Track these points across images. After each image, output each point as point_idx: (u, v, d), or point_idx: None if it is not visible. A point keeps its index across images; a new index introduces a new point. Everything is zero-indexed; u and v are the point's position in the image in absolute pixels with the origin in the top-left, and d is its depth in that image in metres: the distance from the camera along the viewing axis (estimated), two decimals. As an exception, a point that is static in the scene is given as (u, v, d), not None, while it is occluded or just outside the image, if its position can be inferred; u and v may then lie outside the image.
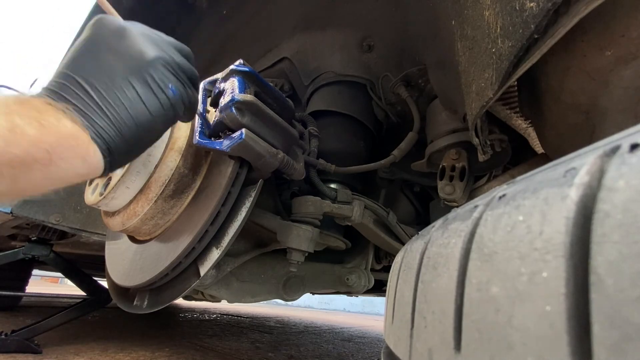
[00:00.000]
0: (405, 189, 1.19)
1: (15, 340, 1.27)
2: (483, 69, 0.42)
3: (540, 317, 0.16)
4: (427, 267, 0.27)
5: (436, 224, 0.30)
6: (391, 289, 0.37)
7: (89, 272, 1.71)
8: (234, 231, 0.64)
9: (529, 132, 0.68)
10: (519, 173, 0.79)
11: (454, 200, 0.77)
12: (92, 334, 1.75)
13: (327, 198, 0.87)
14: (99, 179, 0.73)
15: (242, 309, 4.42)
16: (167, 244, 0.68)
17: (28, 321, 1.40)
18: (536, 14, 0.32)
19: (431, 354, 0.23)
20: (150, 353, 1.43)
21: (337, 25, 1.00)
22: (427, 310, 0.25)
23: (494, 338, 0.18)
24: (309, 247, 0.80)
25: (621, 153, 0.15)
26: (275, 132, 0.68)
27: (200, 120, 0.66)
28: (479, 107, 0.45)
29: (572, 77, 0.42)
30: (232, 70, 0.67)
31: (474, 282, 0.20)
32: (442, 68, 0.71)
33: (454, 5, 0.51)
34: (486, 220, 0.21)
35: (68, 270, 1.65)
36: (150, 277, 0.68)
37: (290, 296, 0.96)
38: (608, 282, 0.13)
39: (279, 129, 0.69)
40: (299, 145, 0.82)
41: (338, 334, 2.72)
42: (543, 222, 0.17)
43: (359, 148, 1.03)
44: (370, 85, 1.05)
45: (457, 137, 0.80)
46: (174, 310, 3.37)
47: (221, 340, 1.93)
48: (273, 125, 0.68)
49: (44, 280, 8.19)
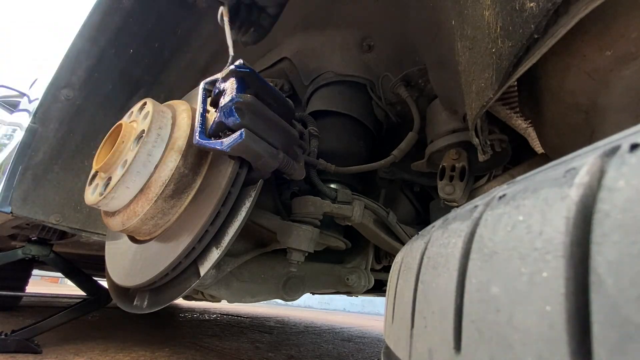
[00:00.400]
0: (405, 189, 1.19)
1: (15, 340, 1.27)
2: (483, 69, 0.42)
3: (540, 317, 0.16)
4: (427, 267, 0.27)
5: (436, 224, 0.30)
6: (391, 289, 0.37)
7: (89, 272, 1.71)
8: (234, 231, 0.64)
9: (529, 132, 0.67)
10: (519, 173, 0.79)
11: (454, 200, 0.77)
12: (92, 334, 1.75)
13: (327, 198, 0.87)
14: (99, 179, 0.73)
15: (242, 309, 4.42)
16: (167, 244, 0.68)
17: (28, 321, 1.40)
18: (536, 14, 0.32)
19: (431, 354, 0.23)
20: (150, 353, 1.43)
21: (337, 25, 1.00)
22: (427, 310, 0.25)
23: (494, 338, 0.18)
24: (309, 247, 0.80)
25: (621, 153, 0.15)
26: (275, 132, 0.68)
27: (200, 120, 0.66)
28: (479, 107, 0.45)
29: (572, 77, 0.42)
30: (232, 70, 0.67)
31: (474, 282, 0.20)
32: (442, 68, 0.71)
33: (454, 5, 0.51)
34: (486, 220, 0.21)
35: (68, 270, 1.65)
36: (150, 277, 0.68)
37: (290, 296, 0.96)
38: (608, 282, 0.13)
39: (279, 129, 0.69)
40: (299, 145, 0.82)
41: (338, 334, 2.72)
42: (543, 222, 0.17)
43: (359, 148, 1.03)
44: (370, 85, 1.05)
45: (457, 137, 0.80)
46: (174, 310, 3.37)
47: (221, 340, 1.93)
48: (273, 125, 0.68)
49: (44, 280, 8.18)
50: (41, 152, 1.14)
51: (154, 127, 0.68)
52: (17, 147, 1.13)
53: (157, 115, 0.70)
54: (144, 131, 0.67)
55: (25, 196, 1.13)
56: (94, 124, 1.19)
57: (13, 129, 1.48)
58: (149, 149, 0.66)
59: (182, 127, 0.70)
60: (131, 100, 1.23)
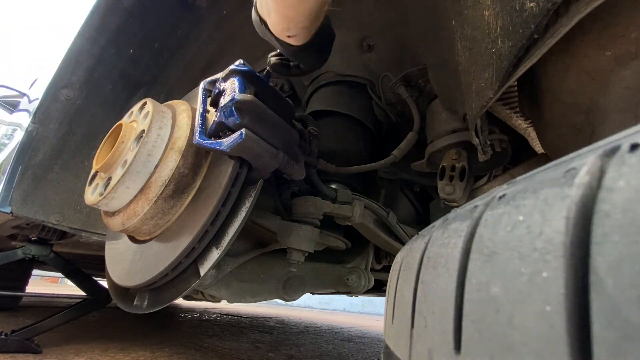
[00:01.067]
0: (405, 189, 1.19)
1: (15, 340, 1.27)
2: (483, 69, 0.42)
3: (540, 317, 0.16)
4: (427, 267, 0.27)
5: (436, 224, 0.30)
6: (391, 289, 0.37)
7: (89, 272, 1.71)
8: (234, 231, 0.64)
9: (529, 132, 0.67)
10: (519, 173, 0.79)
11: (454, 200, 0.77)
12: (92, 334, 1.75)
13: (327, 198, 0.87)
14: (99, 179, 0.73)
15: (242, 309, 4.42)
16: (167, 244, 0.68)
17: (28, 321, 1.39)
18: (536, 14, 0.32)
19: (431, 354, 0.23)
20: (150, 353, 1.43)
21: (337, 26, 1.00)
22: (427, 310, 0.25)
23: (494, 338, 0.18)
24: (309, 247, 0.80)
25: (621, 153, 0.15)
26: (275, 132, 0.68)
27: (200, 120, 0.66)
28: (479, 107, 0.45)
29: (572, 77, 0.42)
30: (232, 70, 0.67)
31: (474, 282, 0.20)
32: (442, 68, 0.71)
33: (454, 5, 0.51)
34: (486, 220, 0.21)
35: (68, 270, 1.65)
36: (150, 277, 0.68)
37: (290, 296, 0.96)
38: (608, 282, 0.13)
39: (279, 129, 0.69)
40: (299, 145, 0.82)
41: (338, 334, 2.72)
42: (543, 222, 0.17)
43: (359, 148, 1.03)
44: (370, 85, 1.05)
45: (457, 137, 0.80)
46: (174, 310, 3.37)
47: (221, 340, 1.93)
48: (273, 125, 0.68)
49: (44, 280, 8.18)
50: (41, 152, 1.14)
51: (154, 127, 0.68)
52: (17, 147, 1.13)
53: (157, 115, 0.70)
54: (144, 131, 0.67)
55: (25, 196, 1.13)
56: (94, 124, 1.19)
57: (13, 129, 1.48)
58: (149, 149, 0.66)
59: (182, 127, 0.70)
60: (131, 100, 1.23)
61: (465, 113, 0.61)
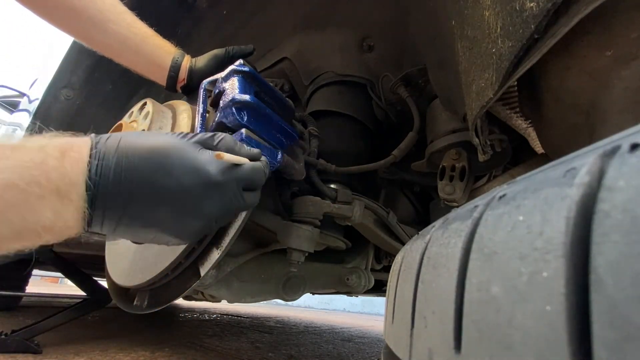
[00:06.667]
0: (405, 189, 1.19)
1: (15, 340, 1.27)
2: (483, 69, 0.42)
3: (540, 317, 0.16)
4: (427, 267, 0.27)
5: (436, 224, 0.30)
6: (391, 289, 0.37)
7: (89, 272, 1.71)
8: (234, 231, 0.64)
9: (529, 132, 0.67)
10: (519, 173, 0.79)
11: (454, 200, 0.77)
12: (92, 334, 1.75)
13: (328, 198, 0.87)
14: None
15: (242, 309, 4.42)
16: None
17: (28, 321, 1.39)
18: (536, 14, 0.32)
19: (431, 354, 0.23)
20: (150, 353, 1.43)
21: (337, 25, 1.00)
22: (427, 310, 0.25)
23: (494, 338, 0.18)
24: (309, 247, 0.80)
25: (621, 153, 0.15)
26: (275, 132, 0.68)
27: (200, 120, 0.66)
28: (479, 107, 0.45)
29: (572, 77, 0.42)
30: (232, 70, 0.67)
31: (474, 282, 0.20)
32: (442, 68, 0.71)
33: (454, 5, 0.51)
34: (486, 220, 0.21)
35: (68, 270, 1.65)
36: (150, 277, 0.68)
37: (290, 296, 0.96)
38: (608, 282, 0.13)
39: (279, 129, 0.69)
40: (299, 145, 0.82)
41: (338, 334, 2.72)
42: (543, 222, 0.17)
43: (359, 148, 1.03)
44: (370, 85, 1.04)
45: (457, 137, 0.80)
46: (174, 310, 3.36)
47: (221, 340, 1.93)
48: (273, 125, 0.68)
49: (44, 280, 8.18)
50: (41, 152, 1.13)
51: (154, 127, 0.68)
52: (17, 147, 1.13)
53: (157, 115, 0.70)
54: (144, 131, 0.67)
55: (25, 196, 1.13)
56: (94, 124, 1.19)
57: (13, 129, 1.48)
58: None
59: (182, 127, 0.70)
60: (131, 100, 1.23)
61: (465, 113, 0.61)
